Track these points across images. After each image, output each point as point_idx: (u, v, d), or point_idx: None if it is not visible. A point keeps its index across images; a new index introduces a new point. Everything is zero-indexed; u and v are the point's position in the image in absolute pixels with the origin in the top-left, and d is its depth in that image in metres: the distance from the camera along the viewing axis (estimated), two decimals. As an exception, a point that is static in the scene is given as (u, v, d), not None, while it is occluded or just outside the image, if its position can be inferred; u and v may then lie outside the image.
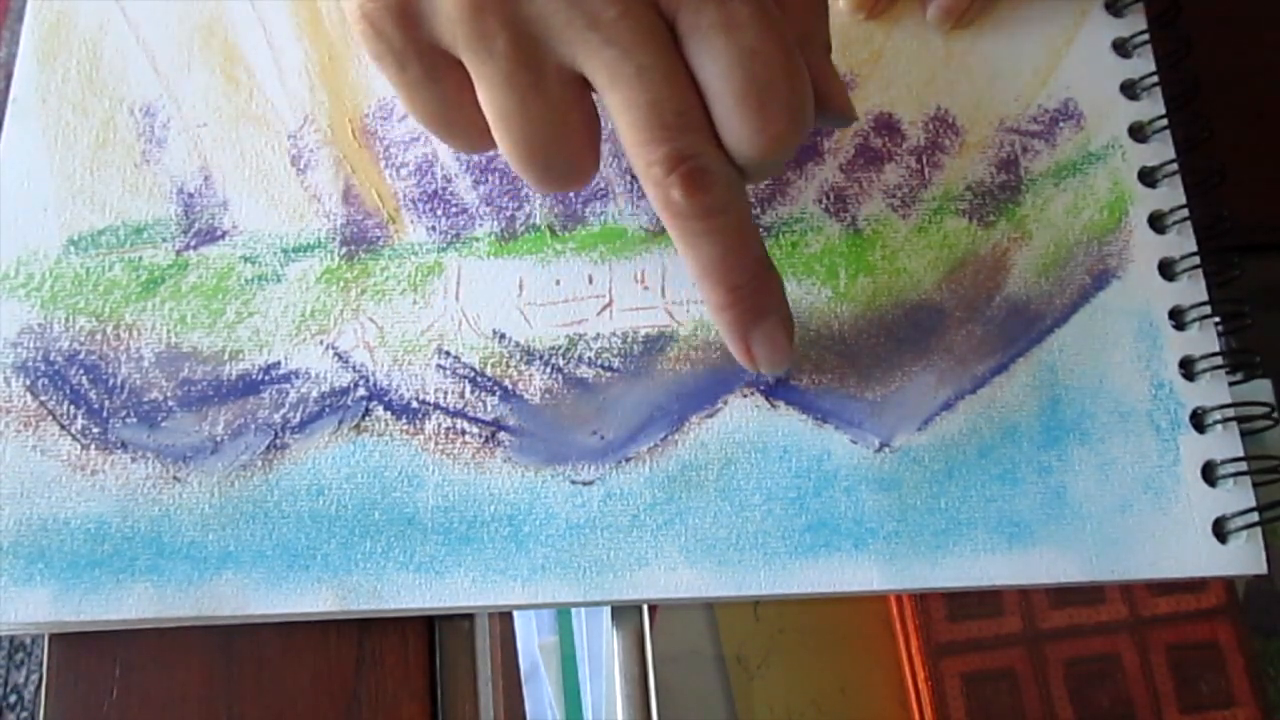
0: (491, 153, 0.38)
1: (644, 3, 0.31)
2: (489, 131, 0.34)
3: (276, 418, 0.39)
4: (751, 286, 0.35)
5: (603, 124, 0.35)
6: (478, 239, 0.42)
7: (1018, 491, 0.38)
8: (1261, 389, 0.39)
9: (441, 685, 0.38)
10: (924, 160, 0.43)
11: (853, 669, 0.37)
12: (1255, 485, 0.38)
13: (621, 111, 0.32)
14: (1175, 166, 0.42)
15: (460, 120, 0.35)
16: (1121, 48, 0.44)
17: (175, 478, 0.38)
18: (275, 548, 0.37)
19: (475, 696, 0.38)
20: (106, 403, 0.39)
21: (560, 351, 0.40)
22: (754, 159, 0.32)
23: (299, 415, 0.39)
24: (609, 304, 0.40)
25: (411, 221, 0.42)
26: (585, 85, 0.33)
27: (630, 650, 0.38)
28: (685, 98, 0.31)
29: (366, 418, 0.39)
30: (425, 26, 0.32)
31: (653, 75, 0.31)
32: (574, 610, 0.39)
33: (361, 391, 0.39)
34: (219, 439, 0.39)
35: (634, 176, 0.42)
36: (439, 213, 0.42)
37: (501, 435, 0.39)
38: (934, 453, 0.38)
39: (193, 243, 0.41)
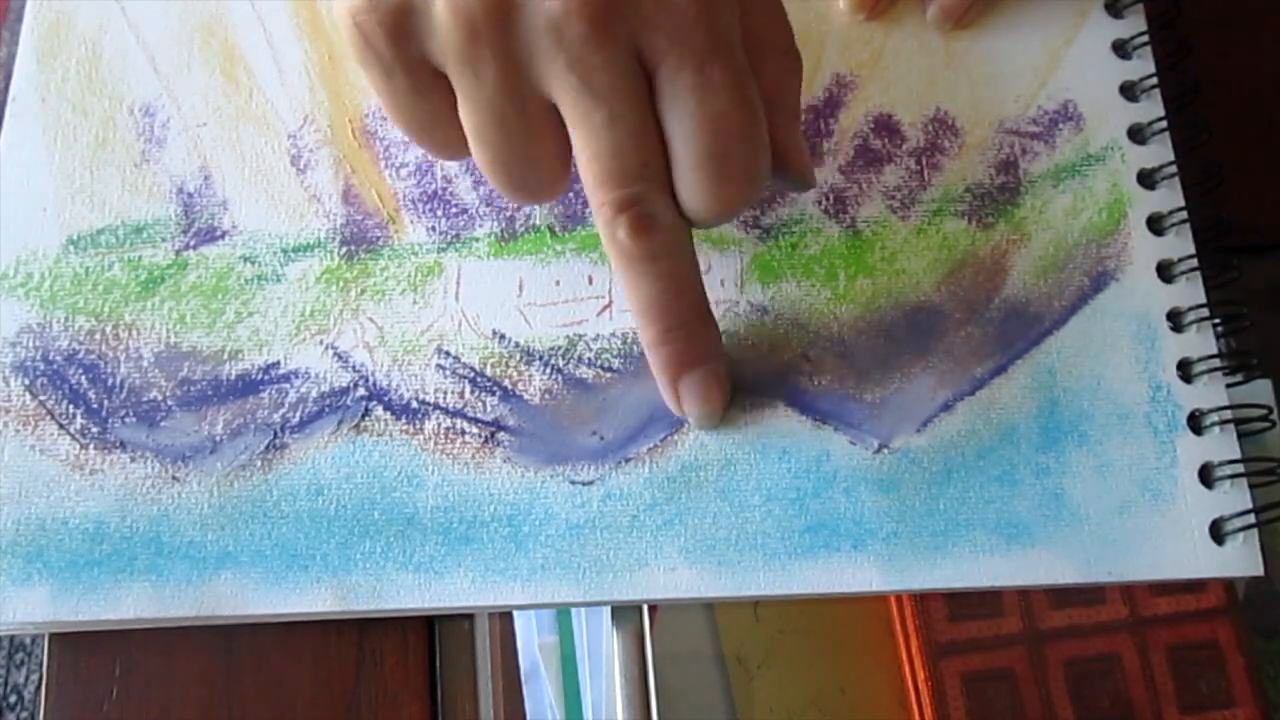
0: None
1: (626, 54, 0.32)
2: (466, 142, 0.35)
3: (276, 418, 0.39)
4: (685, 331, 0.36)
5: None
6: (477, 239, 0.42)
7: (1016, 493, 0.38)
8: (1259, 390, 0.40)
9: (441, 685, 0.38)
10: (923, 162, 0.43)
11: (853, 669, 0.38)
12: (1252, 487, 0.38)
13: (584, 151, 0.33)
14: (1174, 168, 0.42)
15: (440, 131, 0.36)
16: (1121, 49, 0.44)
17: (174, 477, 0.38)
18: (274, 548, 0.37)
19: (475, 696, 0.38)
20: (105, 402, 0.39)
21: (560, 352, 0.40)
22: (703, 218, 0.34)
23: (298, 415, 0.39)
24: (609, 304, 0.41)
25: (411, 222, 0.42)
26: (562, 116, 0.34)
27: (630, 650, 0.38)
28: (647, 149, 0.33)
29: (366, 418, 0.39)
30: (416, 42, 0.33)
31: (620, 125, 0.32)
32: (574, 610, 0.39)
33: (361, 391, 0.39)
34: (218, 439, 0.39)
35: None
36: (439, 213, 0.42)
37: (501, 435, 0.39)
38: (933, 454, 0.38)
39: (192, 242, 0.41)
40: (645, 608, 0.38)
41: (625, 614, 0.38)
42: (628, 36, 0.32)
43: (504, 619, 0.39)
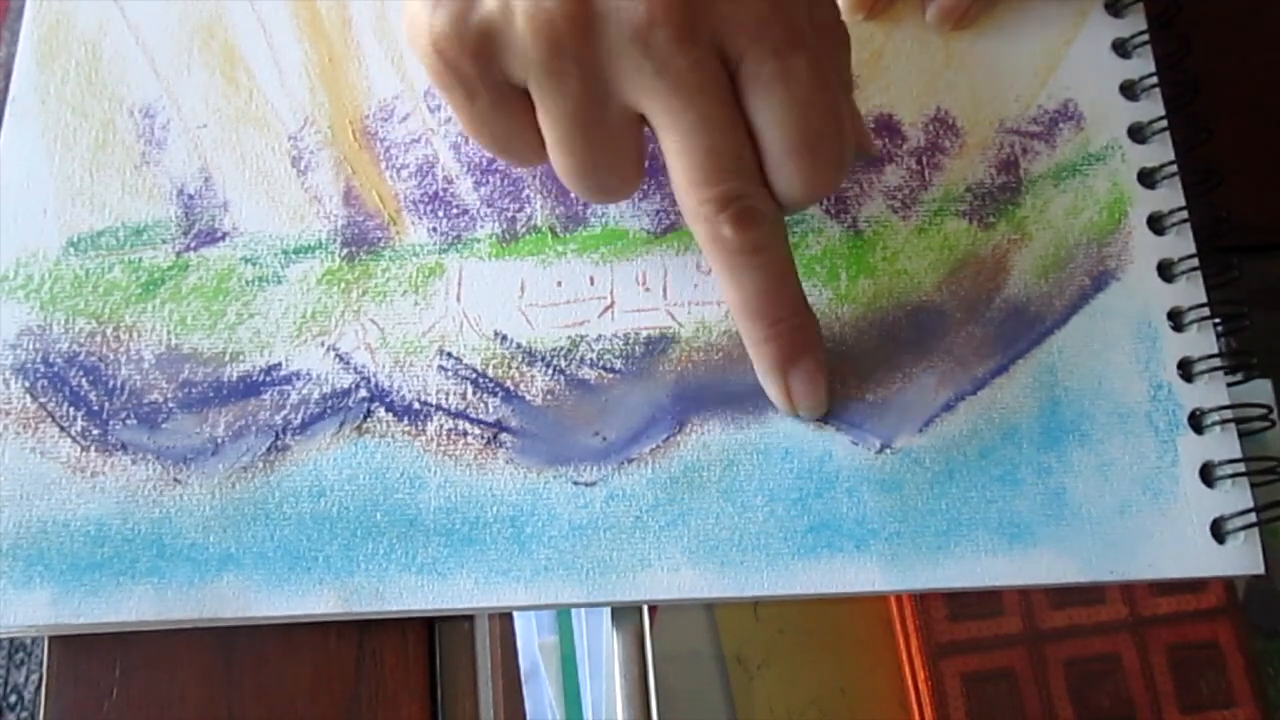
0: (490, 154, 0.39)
1: (710, 54, 0.33)
2: (544, 150, 0.36)
3: (277, 419, 0.39)
4: (791, 323, 0.37)
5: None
6: (479, 240, 0.42)
7: (1018, 492, 0.38)
8: (1260, 390, 0.40)
9: (441, 685, 0.38)
10: (924, 161, 0.43)
11: (853, 669, 0.38)
12: (1253, 486, 0.38)
13: (679, 154, 0.34)
14: (1174, 168, 0.42)
15: (520, 143, 0.36)
16: (1121, 48, 0.44)
17: (176, 479, 0.38)
18: (277, 549, 0.37)
19: (475, 696, 0.38)
20: (106, 404, 0.39)
21: (562, 353, 0.40)
22: (800, 202, 0.35)
23: (300, 417, 0.39)
24: (610, 305, 0.41)
25: (412, 223, 0.42)
26: (642, 120, 0.35)
27: (630, 650, 0.38)
28: (741, 145, 0.34)
29: (368, 419, 0.39)
30: (498, 61, 0.33)
31: (713, 124, 0.33)
32: (574, 610, 0.39)
33: (363, 393, 0.39)
34: (220, 440, 0.39)
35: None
36: (440, 214, 0.42)
37: (503, 436, 0.39)
38: (935, 454, 0.39)
39: (193, 244, 0.41)
40: (645, 608, 0.38)
41: (625, 614, 0.38)
42: (710, 36, 0.32)
43: (504, 619, 0.39)
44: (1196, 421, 0.39)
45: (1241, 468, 0.38)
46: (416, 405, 0.39)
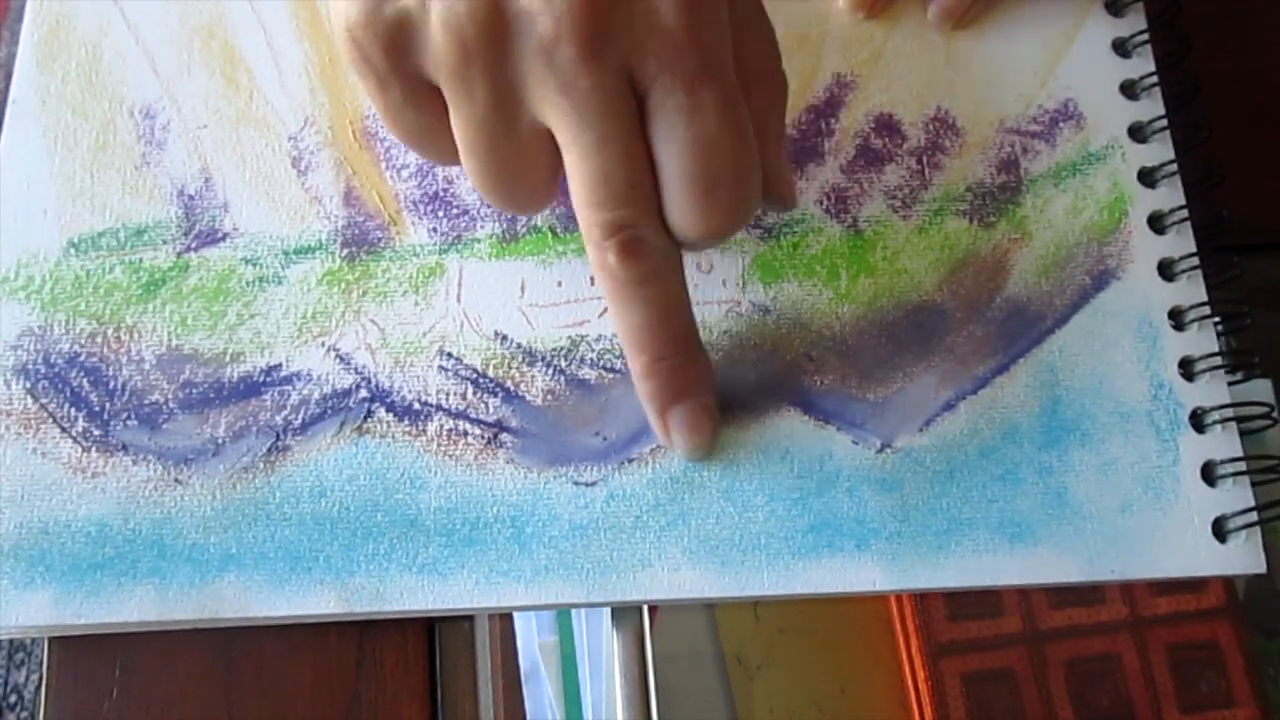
0: None
1: (617, 76, 0.32)
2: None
3: (278, 420, 0.39)
4: (673, 362, 0.36)
5: None
6: (479, 240, 0.42)
7: (1019, 492, 0.38)
8: (1261, 389, 0.40)
9: (441, 685, 0.38)
10: (924, 161, 0.43)
11: (853, 669, 0.38)
12: (1254, 485, 0.38)
13: (575, 174, 0.33)
14: (1175, 167, 0.42)
15: (435, 141, 0.36)
16: (1121, 48, 0.44)
17: (177, 480, 0.38)
18: (277, 550, 0.37)
19: (475, 696, 0.38)
20: (107, 405, 0.39)
21: (562, 353, 0.40)
22: (693, 241, 0.34)
23: (301, 417, 0.39)
24: (610, 305, 0.41)
25: (413, 223, 0.42)
26: (553, 135, 0.34)
27: (630, 650, 0.38)
28: (637, 172, 0.33)
29: (368, 419, 0.39)
30: (411, 57, 0.33)
31: (610, 148, 0.32)
32: (574, 610, 0.39)
33: (363, 393, 0.39)
34: (220, 441, 0.39)
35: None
36: (440, 214, 0.42)
37: (504, 436, 0.39)
38: (935, 453, 0.39)
39: (193, 245, 0.41)
40: (645, 608, 0.38)
41: (625, 614, 0.38)
42: (618, 59, 0.32)
43: (504, 619, 0.39)
44: (1198, 420, 0.39)
45: (1243, 466, 0.38)
46: (417, 405, 0.39)
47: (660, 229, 0.34)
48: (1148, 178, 0.42)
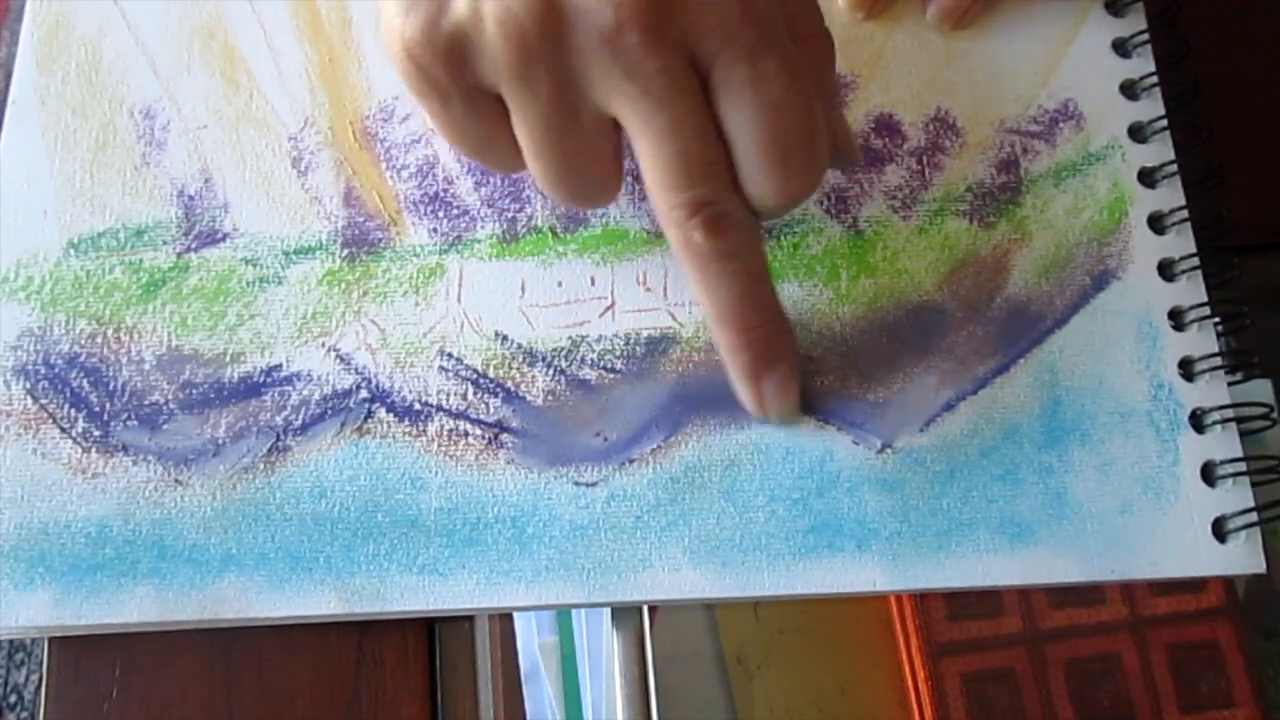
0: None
1: (680, 57, 0.32)
2: (521, 156, 0.36)
3: (278, 420, 0.39)
4: (765, 330, 0.36)
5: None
6: (479, 241, 0.42)
7: (1019, 492, 0.38)
8: (1260, 389, 0.40)
9: (441, 685, 0.38)
10: (924, 161, 0.43)
11: (853, 669, 0.38)
12: (1254, 485, 0.38)
13: (650, 157, 0.33)
14: (1175, 167, 0.42)
15: (497, 148, 0.36)
16: (1121, 48, 0.44)
17: (177, 480, 0.38)
18: (278, 550, 0.37)
19: (475, 696, 0.38)
20: (107, 406, 0.39)
21: (563, 353, 0.40)
22: (773, 208, 0.35)
23: (301, 417, 0.39)
24: (611, 305, 0.41)
25: (413, 223, 0.42)
26: (617, 125, 0.34)
27: (630, 650, 0.38)
28: (712, 149, 0.33)
29: (369, 420, 0.39)
30: (470, 67, 0.33)
31: (684, 128, 0.33)
32: (574, 610, 0.39)
33: (364, 394, 0.39)
34: (221, 441, 0.39)
35: (635, 179, 0.42)
36: (440, 214, 0.42)
37: (504, 437, 0.39)
38: (936, 454, 0.39)
39: (193, 245, 0.41)
40: (645, 608, 0.38)
41: (625, 614, 0.38)
42: (679, 39, 0.32)
43: (504, 619, 0.39)
44: (1197, 421, 0.39)
45: (1243, 467, 0.38)
46: (417, 406, 0.39)
47: (740, 202, 0.34)
48: (1148, 178, 0.42)
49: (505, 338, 0.40)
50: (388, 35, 0.34)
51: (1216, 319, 0.40)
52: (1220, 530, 0.38)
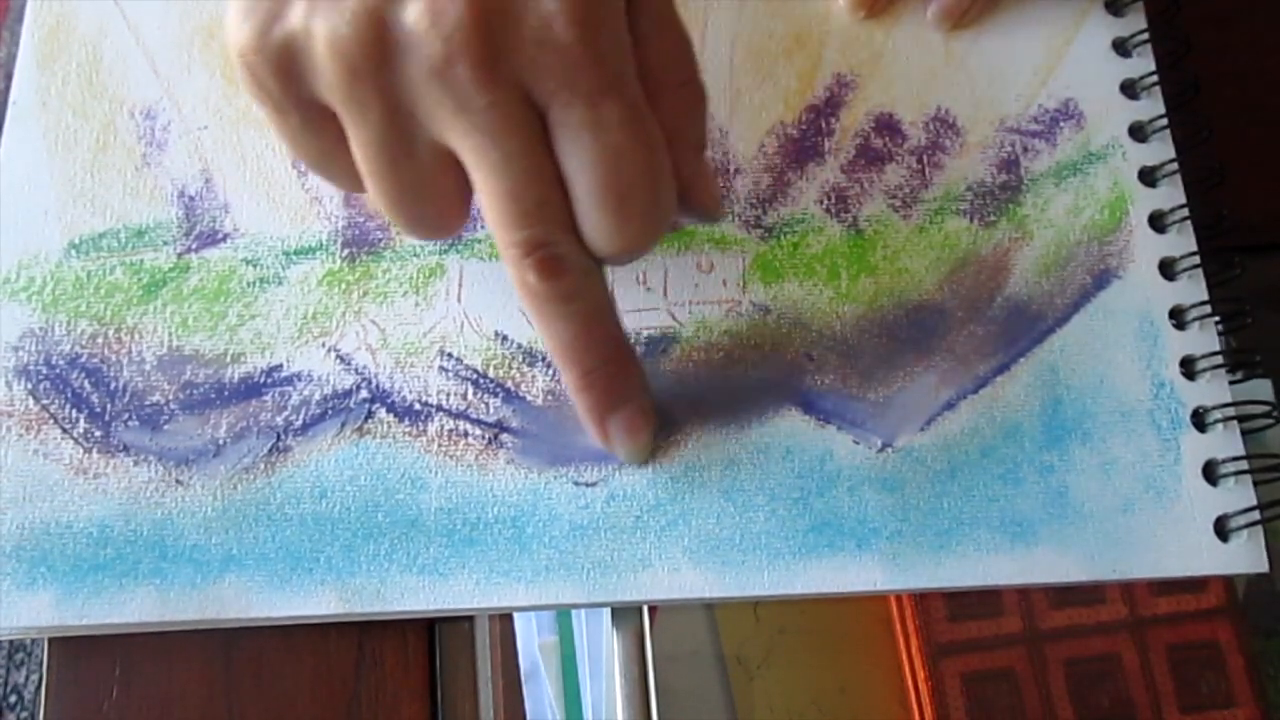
0: None
1: (515, 93, 0.31)
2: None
3: (279, 420, 0.39)
4: (604, 371, 0.36)
5: None
6: (479, 240, 0.42)
7: (1020, 491, 0.38)
8: (1259, 389, 0.39)
9: (441, 685, 0.38)
10: (925, 160, 0.43)
11: (853, 669, 0.38)
12: (1256, 484, 0.38)
13: (484, 194, 0.32)
14: (1175, 166, 0.42)
15: (338, 167, 0.35)
16: (1121, 47, 0.44)
17: (178, 481, 0.38)
18: (278, 550, 0.37)
19: (475, 696, 0.38)
20: (108, 406, 0.39)
21: (562, 353, 0.40)
22: (608, 256, 0.34)
23: (301, 418, 0.39)
24: (610, 305, 0.40)
25: (413, 223, 0.42)
26: (456, 157, 0.33)
27: (630, 650, 0.38)
28: (546, 189, 0.32)
29: (369, 420, 0.39)
30: (304, 82, 0.32)
31: (516, 166, 0.32)
32: (574, 610, 0.39)
33: (364, 394, 0.39)
34: (221, 442, 0.39)
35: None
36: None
37: (504, 437, 0.39)
38: (936, 453, 0.38)
39: (194, 245, 0.42)
40: (645, 608, 0.38)
41: (625, 614, 0.38)
42: (513, 76, 0.31)
43: (504, 619, 0.39)
44: (1199, 419, 0.39)
45: (1244, 465, 0.38)
46: (417, 406, 0.39)
47: (576, 243, 0.33)
48: (1148, 177, 0.42)
49: (505, 338, 0.40)
50: (227, 36, 0.33)
51: (1217, 318, 0.40)
52: (1222, 529, 0.38)
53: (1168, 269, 0.41)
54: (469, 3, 0.30)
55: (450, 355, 0.40)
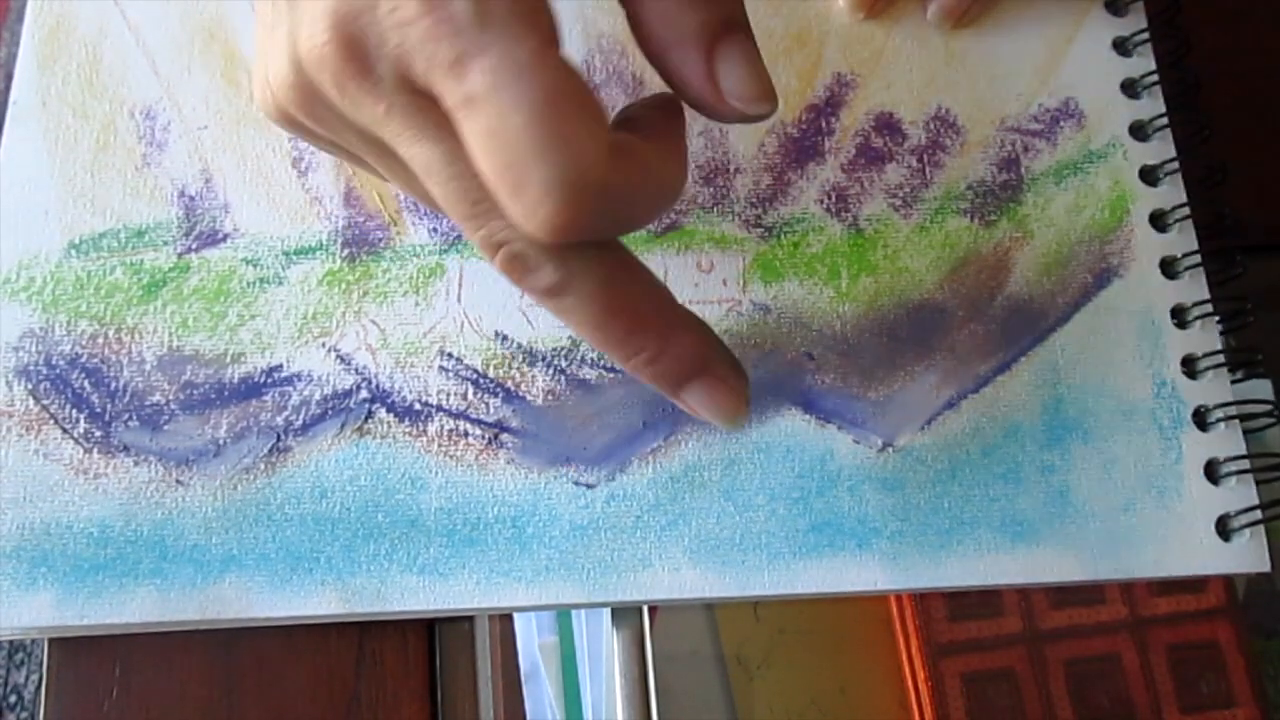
0: None
1: (405, 90, 0.28)
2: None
3: (279, 420, 0.39)
4: (650, 352, 0.32)
5: None
6: (479, 240, 0.41)
7: (1021, 490, 0.38)
8: (1259, 389, 0.39)
9: (441, 685, 0.38)
10: (925, 159, 0.43)
11: (853, 669, 0.38)
12: (1258, 483, 0.38)
13: (436, 200, 0.30)
14: (1176, 165, 0.42)
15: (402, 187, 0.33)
16: (1122, 46, 0.44)
17: (178, 481, 0.38)
18: (278, 550, 0.37)
19: (475, 696, 0.38)
20: (109, 406, 0.39)
21: (563, 353, 0.40)
22: (546, 242, 0.28)
23: (301, 418, 0.39)
24: (610, 305, 0.40)
25: (413, 223, 0.42)
26: None
27: (630, 650, 0.38)
28: (473, 184, 0.28)
29: (369, 420, 0.39)
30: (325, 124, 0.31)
31: (436, 167, 0.29)
32: (574, 610, 0.39)
33: (364, 394, 0.39)
34: (221, 442, 0.39)
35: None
36: (440, 214, 0.42)
37: (504, 437, 0.39)
38: (937, 452, 0.38)
39: (194, 245, 0.41)
40: (645, 608, 0.38)
41: (625, 614, 0.38)
42: (393, 73, 0.28)
43: (504, 619, 0.39)
44: (1200, 418, 0.39)
45: (1246, 465, 0.38)
46: (417, 406, 0.39)
47: None
48: (1149, 176, 0.42)
49: (505, 337, 0.40)
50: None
51: (1218, 317, 0.40)
52: (1224, 528, 0.37)
53: (1169, 268, 0.41)
54: (325, 11, 0.28)
55: (450, 355, 0.40)
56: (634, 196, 0.29)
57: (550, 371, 0.40)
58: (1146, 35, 0.44)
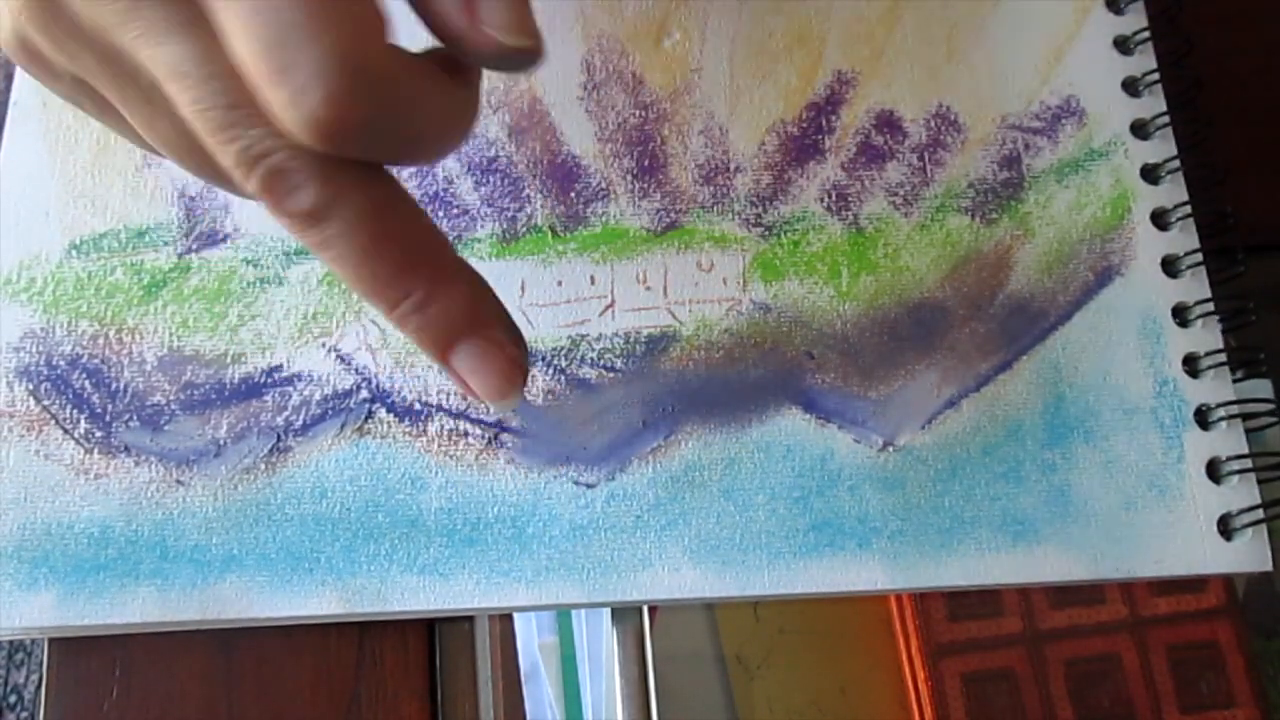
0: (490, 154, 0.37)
1: None
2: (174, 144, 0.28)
3: (279, 420, 0.39)
4: (417, 298, 0.27)
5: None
6: (479, 240, 0.41)
7: (1022, 490, 0.38)
8: (1259, 389, 0.39)
9: (441, 685, 0.38)
10: (926, 158, 0.43)
11: (853, 669, 0.37)
12: (1260, 482, 0.38)
13: (185, 114, 0.25)
14: (1177, 163, 0.42)
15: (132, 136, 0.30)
16: (1123, 45, 0.44)
17: (179, 481, 0.38)
18: (279, 551, 0.37)
19: (475, 696, 0.38)
20: (109, 407, 0.39)
21: (562, 352, 0.40)
22: (317, 143, 0.24)
23: (302, 418, 0.39)
24: (611, 305, 0.40)
25: (412, 223, 0.42)
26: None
27: (630, 650, 0.38)
28: (232, 86, 0.24)
29: (369, 420, 0.39)
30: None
31: (188, 68, 0.24)
32: (574, 610, 0.39)
33: (364, 394, 0.39)
34: (222, 442, 0.39)
35: (634, 177, 0.42)
36: (440, 214, 0.42)
37: (504, 437, 0.39)
38: (938, 451, 0.38)
39: (194, 246, 0.42)
40: (645, 608, 0.38)
41: (625, 614, 0.38)
42: None
43: (504, 619, 0.39)
44: (1202, 417, 0.39)
45: (1248, 464, 0.38)
46: (417, 406, 0.39)
47: (300, 146, 0.24)
48: (1150, 174, 0.42)
49: (505, 337, 0.40)
50: None
51: (1220, 316, 0.40)
52: (1226, 527, 0.37)
53: (1170, 266, 0.41)
54: None
55: (450, 355, 0.40)
56: (413, 111, 0.25)
57: (550, 371, 0.40)
58: (1147, 34, 0.44)
